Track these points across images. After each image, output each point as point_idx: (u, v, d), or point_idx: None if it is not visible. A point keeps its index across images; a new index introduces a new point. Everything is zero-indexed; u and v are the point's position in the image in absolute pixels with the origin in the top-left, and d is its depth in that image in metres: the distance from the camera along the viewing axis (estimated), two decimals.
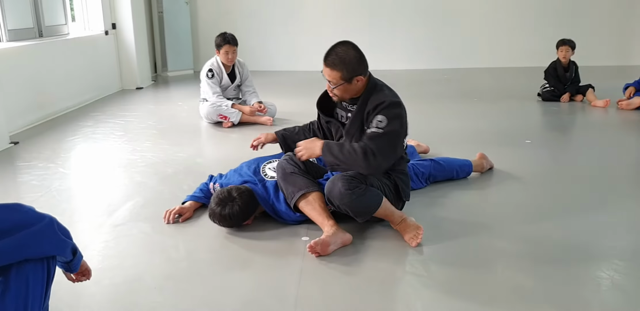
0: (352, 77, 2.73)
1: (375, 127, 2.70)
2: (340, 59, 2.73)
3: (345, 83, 2.75)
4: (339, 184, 2.62)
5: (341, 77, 2.73)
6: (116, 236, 2.83)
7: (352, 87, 2.77)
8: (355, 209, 2.65)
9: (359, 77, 2.75)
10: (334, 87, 2.78)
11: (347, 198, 2.60)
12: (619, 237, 2.80)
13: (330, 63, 2.75)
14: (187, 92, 7.08)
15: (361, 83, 2.78)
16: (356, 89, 2.79)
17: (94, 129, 5.07)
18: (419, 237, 2.66)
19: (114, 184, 3.62)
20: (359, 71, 2.74)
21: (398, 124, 2.72)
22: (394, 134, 2.71)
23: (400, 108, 2.77)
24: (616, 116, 5.50)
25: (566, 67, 6.20)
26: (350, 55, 2.73)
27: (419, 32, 8.91)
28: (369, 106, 2.75)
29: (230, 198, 2.78)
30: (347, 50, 2.74)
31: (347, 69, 2.71)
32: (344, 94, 2.81)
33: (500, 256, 2.56)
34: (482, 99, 6.33)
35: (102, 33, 6.89)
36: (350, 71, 2.72)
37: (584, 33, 8.25)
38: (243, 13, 8.82)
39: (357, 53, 2.76)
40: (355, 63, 2.73)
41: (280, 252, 2.63)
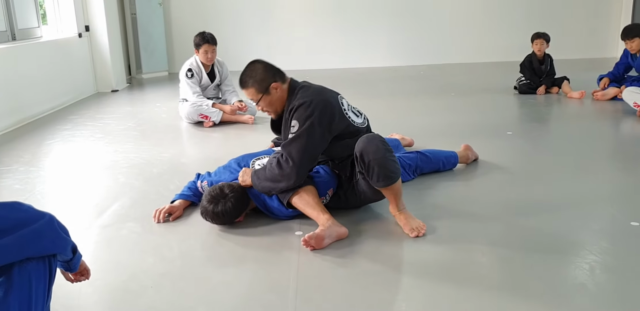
0: (265, 87, 2.79)
1: (290, 133, 2.73)
2: (248, 76, 2.82)
3: (264, 95, 2.80)
4: (375, 141, 2.65)
5: (256, 91, 2.81)
6: (106, 237, 2.80)
7: (274, 97, 2.82)
8: (386, 167, 2.63)
9: (274, 85, 2.80)
10: (258, 103, 2.85)
11: (382, 153, 2.62)
12: (603, 222, 2.84)
13: (243, 84, 2.85)
14: (163, 93, 7.02)
15: (281, 91, 2.82)
16: (279, 98, 2.84)
17: (73, 132, 5.00)
18: (421, 231, 2.68)
19: (99, 186, 3.58)
20: (270, 79, 2.80)
21: (309, 124, 2.70)
22: (307, 136, 2.69)
23: (310, 107, 2.72)
24: (592, 107, 5.58)
25: (541, 60, 6.28)
26: (255, 68, 2.83)
27: (394, 29, 8.95)
28: (287, 112, 2.80)
29: (222, 195, 2.77)
30: (251, 67, 2.86)
31: (256, 81, 2.80)
32: (271, 106, 2.86)
33: (493, 245, 2.58)
34: (460, 93, 6.38)
35: (76, 36, 6.80)
36: (260, 81, 2.79)
37: (557, 27, 8.37)
38: (217, 14, 8.77)
39: (262, 64, 2.86)
40: (262, 73, 2.81)
41: (274, 247, 2.62)
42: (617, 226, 2.77)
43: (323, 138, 2.75)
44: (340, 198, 2.94)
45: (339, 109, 2.81)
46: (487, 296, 2.14)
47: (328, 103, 2.78)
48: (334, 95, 2.89)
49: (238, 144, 4.48)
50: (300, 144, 2.69)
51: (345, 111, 2.85)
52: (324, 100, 2.78)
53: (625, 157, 4.03)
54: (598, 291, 2.17)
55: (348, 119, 2.83)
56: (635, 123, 4.88)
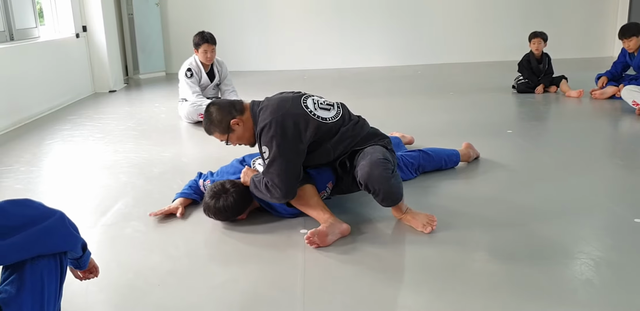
0: (226, 127, 2.79)
1: (264, 159, 2.73)
2: (207, 123, 2.83)
3: (229, 134, 2.81)
4: (379, 169, 2.61)
5: (221, 134, 2.82)
6: (110, 236, 2.80)
7: (239, 132, 2.82)
8: (391, 191, 2.66)
9: (233, 121, 2.78)
10: (229, 144, 2.87)
11: (388, 182, 2.62)
12: (606, 219, 2.85)
13: (207, 132, 2.87)
14: (161, 93, 7.01)
15: (243, 123, 2.81)
16: (246, 129, 2.82)
17: (72, 132, 4.98)
18: (433, 224, 2.69)
19: (101, 186, 3.57)
20: (227, 117, 2.79)
21: (276, 144, 2.66)
22: (280, 157, 2.66)
23: (272, 128, 2.67)
24: (590, 106, 5.60)
25: (539, 59, 6.29)
26: (210, 113, 2.82)
27: (391, 29, 8.96)
28: (257, 141, 2.80)
29: (224, 190, 2.77)
30: (207, 113, 2.83)
31: (215, 125, 2.81)
32: (242, 140, 2.87)
33: (498, 243, 2.59)
34: (458, 93, 6.39)
35: (73, 36, 6.78)
36: (218, 123, 2.79)
37: (554, 26, 8.41)
38: (214, 14, 8.76)
39: (215, 106, 2.84)
40: (217, 115, 2.80)
41: (279, 245, 2.62)
42: (620, 223, 2.78)
43: (298, 152, 2.71)
44: (342, 189, 2.95)
45: (303, 115, 2.73)
46: (493, 293, 2.14)
47: (287, 116, 2.70)
48: (295, 101, 2.80)
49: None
50: (279, 167, 2.66)
51: (312, 112, 2.77)
52: (283, 115, 2.70)
53: (625, 154, 4.05)
54: (604, 287, 2.18)
55: (317, 120, 2.75)
56: (634, 121, 4.90)
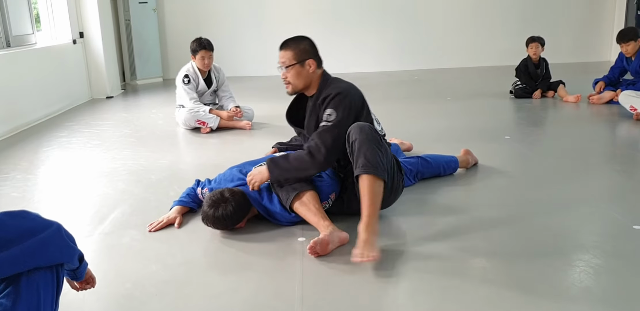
0: (303, 59, 2.84)
1: (325, 121, 2.77)
2: (294, 42, 2.90)
3: (297, 64, 2.85)
4: (368, 127, 2.65)
5: (293, 57, 2.86)
6: (108, 245, 2.78)
7: (305, 72, 2.87)
8: (368, 152, 2.58)
9: (310, 61, 2.85)
10: (286, 69, 2.88)
11: (367, 137, 2.59)
12: (605, 225, 2.84)
13: (283, 45, 2.91)
14: (158, 99, 7.00)
15: (313, 70, 2.87)
16: (308, 76, 2.88)
17: (69, 139, 4.97)
18: (368, 257, 2.39)
19: (98, 193, 3.55)
20: (310, 54, 2.87)
21: (346, 114, 2.77)
22: (343, 126, 2.74)
23: (347, 98, 2.80)
24: (588, 111, 5.61)
25: (537, 63, 6.30)
26: (303, 39, 2.91)
27: (388, 34, 8.97)
28: (319, 100, 2.83)
29: (223, 199, 2.75)
30: (302, 38, 2.93)
31: (299, 49, 2.86)
32: (297, 79, 2.89)
33: (497, 250, 2.58)
34: (455, 98, 6.39)
35: (70, 42, 6.78)
36: (302, 51, 2.86)
37: (551, 31, 8.42)
38: (211, 19, 8.77)
39: (310, 42, 2.92)
40: (307, 46, 2.89)
41: (278, 254, 2.61)
42: (619, 230, 2.77)
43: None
44: (343, 202, 2.93)
45: (367, 107, 2.91)
46: (494, 301, 2.13)
47: (362, 97, 2.89)
48: (362, 94, 2.96)
49: (236, 150, 4.47)
50: (335, 134, 2.73)
51: (370, 112, 2.96)
52: (359, 94, 2.88)
53: (624, 160, 4.05)
54: (604, 295, 2.17)
55: (372, 117, 2.93)
56: (632, 126, 4.90)
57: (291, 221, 2.87)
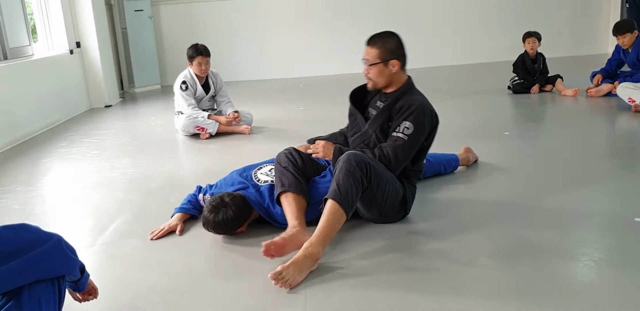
0: (388, 59, 2.81)
1: (401, 132, 2.74)
2: (381, 39, 2.84)
3: (381, 63, 2.82)
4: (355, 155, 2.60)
5: (378, 56, 2.82)
6: (110, 255, 2.78)
7: (387, 71, 2.84)
8: (343, 180, 2.52)
9: (394, 62, 2.82)
10: (369, 65, 2.84)
11: (350, 169, 2.54)
12: (606, 219, 2.83)
13: (370, 41, 2.86)
14: (157, 107, 7.01)
15: (397, 71, 2.84)
16: (391, 76, 2.85)
17: (69, 150, 4.97)
18: (281, 283, 2.28)
19: (98, 203, 3.55)
20: (396, 54, 2.83)
21: (422, 134, 2.78)
22: (415, 143, 2.76)
23: (428, 117, 2.80)
24: (587, 104, 5.60)
25: (534, 58, 6.29)
26: (391, 39, 2.85)
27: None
28: (400, 103, 2.80)
29: (223, 203, 2.75)
30: (390, 35, 2.86)
31: (385, 48, 2.82)
32: (378, 77, 2.86)
33: (500, 246, 2.57)
34: (453, 96, 6.38)
35: (67, 52, 6.78)
36: (388, 51, 2.81)
37: (548, 25, 8.43)
38: (207, 25, 8.77)
39: (398, 41, 2.87)
40: (394, 46, 2.84)
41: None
42: (621, 223, 2.76)
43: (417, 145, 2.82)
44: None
45: (435, 133, 2.92)
46: (496, 298, 2.12)
47: (437, 120, 2.90)
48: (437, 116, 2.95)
49: (236, 155, 4.48)
50: (409, 149, 2.75)
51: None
52: (436, 115, 2.89)
53: (623, 152, 4.04)
54: (607, 289, 2.16)
55: (431, 142, 2.95)
56: (631, 118, 4.89)
57: None
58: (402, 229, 2.83)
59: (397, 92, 2.86)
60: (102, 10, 7.42)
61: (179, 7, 8.74)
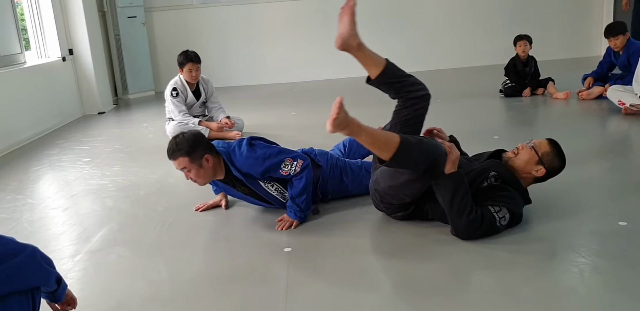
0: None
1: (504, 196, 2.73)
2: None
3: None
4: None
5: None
6: (95, 263, 2.77)
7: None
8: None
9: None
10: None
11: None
12: (591, 222, 2.83)
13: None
14: (150, 113, 7.01)
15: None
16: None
17: (60, 157, 4.97)
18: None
19: (86, 211, 3.55)
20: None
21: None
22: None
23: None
24: (578, 107, 5.60)
25: (525, 62, 6.30)
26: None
27: (376, 38, 8.95)
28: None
29: (182, 133, 2.98)
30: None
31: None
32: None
33: (484, 250, 2.57)
34: (446, 99, 6.37)
35: (60, 60, 6.79)
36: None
37: (540, 28, 8.45)
38: (201, 31, 8.78)
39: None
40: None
41: (264, 265, 2.60)
42: (605, 227, 2.76)
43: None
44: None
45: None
46: (480, 303, 2.12)
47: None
48: None
49: None
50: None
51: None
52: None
53: (612, 156, 4.03)
54: (589, 295, 2.16)
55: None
56: (621, 121, 4.89)
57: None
58: (385, 236, 2.82)
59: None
60: (94, 17, 7.43)
61: (172, 13, 8.75)
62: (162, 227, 3.15)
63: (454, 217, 2.65)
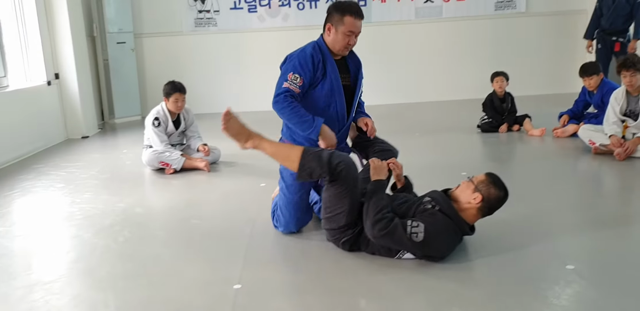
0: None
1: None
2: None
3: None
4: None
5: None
6: (45, 295, 2.79)
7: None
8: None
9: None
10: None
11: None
12: (539, 267, 2.86)
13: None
14: (133, 139, 7.04)
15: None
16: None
17: (34, 183, 5.01)
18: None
19: (49, 240, 3.57)
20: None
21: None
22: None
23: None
24: (552, 144, 5.67)
25: (502, 98, 6.39)
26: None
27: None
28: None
29: None
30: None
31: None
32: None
33: (431, 292, 2.60)
34: (424, 133, 6.44)
35: (45, 84, 6.87)
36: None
37: (522, 63, 8.59)
38: (189, 58, 8.89)
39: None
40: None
41: (208, 305, 2.62)
42: (553, 270, 2.79)
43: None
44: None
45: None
46: None
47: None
48: None
49: (197, 192, 4.53)
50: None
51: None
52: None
53: (575, 196, 4.07)
54: None
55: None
56: (591, 161, 4.95)
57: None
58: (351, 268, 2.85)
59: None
60: (82, 42, 7.52)
61: (161, 40, 8.87)
62: (118, 259, 3.18)
63: (365, 214, 2.83)
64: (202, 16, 8.81)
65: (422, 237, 2.72)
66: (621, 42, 7.31)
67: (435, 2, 8.81)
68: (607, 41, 7.46)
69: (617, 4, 7.22)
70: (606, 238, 3.20)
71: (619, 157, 4.80)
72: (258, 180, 4.62)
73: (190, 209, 4.03)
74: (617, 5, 7.22)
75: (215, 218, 3.80)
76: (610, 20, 7.32)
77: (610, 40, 7.42)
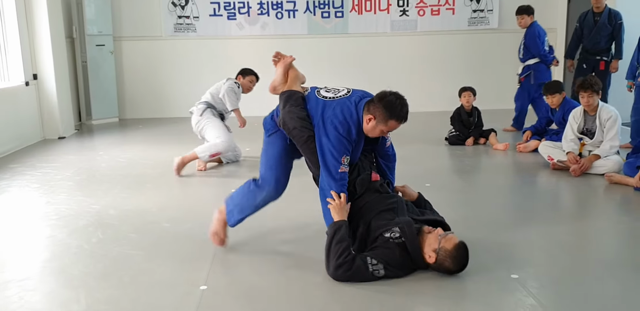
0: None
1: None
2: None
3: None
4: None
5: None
6: (19, 291, 2.92)
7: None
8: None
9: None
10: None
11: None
12: (484, 279, 3.05)
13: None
14: (109, 141, 7.17)
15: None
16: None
17: (9, 182, 5.11)
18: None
19: (24, 239, 3.70)
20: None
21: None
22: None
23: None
24: (514, 159, 5.91)
25: (470, 112, 6.63)
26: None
27: (337, 81, 9.25)
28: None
29: None
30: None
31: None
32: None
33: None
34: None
35: (23, 84, 6.96)
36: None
37: (491, 78, 8.85)
38: (169, 61, 9.00)
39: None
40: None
41: (173, 305, 2.76)
42: (498, 281, 2.98)
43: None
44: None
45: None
46: None
47: None
48: None
49: (170, 195, 4.66)
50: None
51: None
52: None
53: (528, 208, 4.27)
54: None
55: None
56: (549, 176, 5.19)
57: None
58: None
59: None
60: (61, 44, 7.62)
61: (141, 43, 8.98)
62: (91, 259, 3.32)
63: (327, 257, 2.99)
64: (182, 21, 8.95)
65: (384, 273, 2.93)
66: (605, 60, 7.53)
67: (410, 16, 9.07)
68: (590, 61, 7.64)
69: (599, 25, 7.45)
70: (553, 250, 3.41)
71: (575, 173, 5.05)
72: (232, 185, 4.76)
73: (162, 213, 4.16)
74: (599, 26, 7.43)
75: (187, 222, 3.95)
76: (593, 41, 7.52)
77: (594, 60, 7.59)
